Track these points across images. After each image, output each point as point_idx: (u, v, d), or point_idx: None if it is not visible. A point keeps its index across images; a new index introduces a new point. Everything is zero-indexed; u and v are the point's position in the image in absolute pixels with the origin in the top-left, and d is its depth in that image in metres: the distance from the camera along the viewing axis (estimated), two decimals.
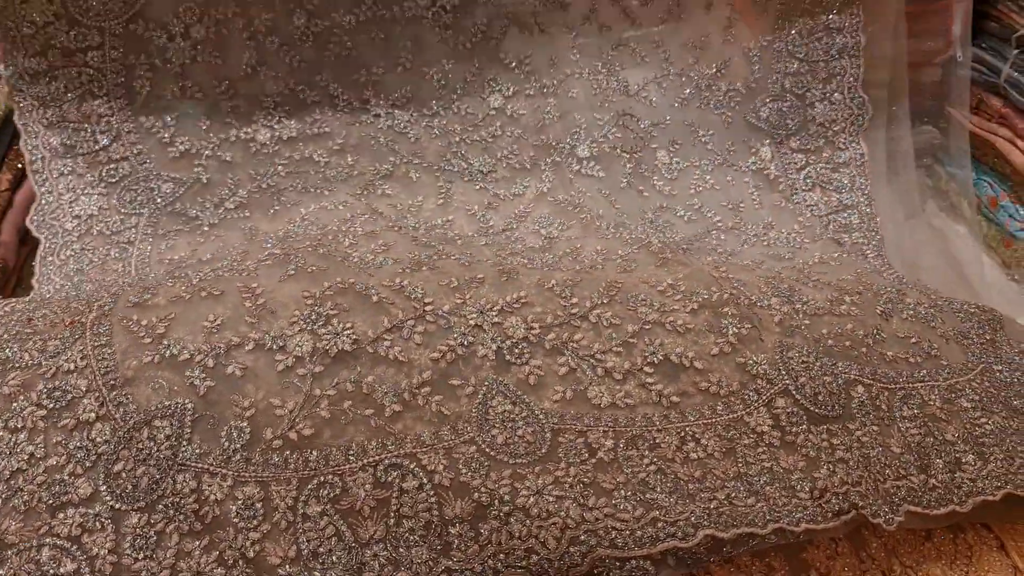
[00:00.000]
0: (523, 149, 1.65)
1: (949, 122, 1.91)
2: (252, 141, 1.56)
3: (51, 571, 0.93)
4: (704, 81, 1.70)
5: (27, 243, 1.56)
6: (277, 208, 1.53)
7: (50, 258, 1.44)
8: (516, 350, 1.10)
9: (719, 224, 1.60)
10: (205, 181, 1.53)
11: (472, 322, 1.12)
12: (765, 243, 1.58)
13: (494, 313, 1.14)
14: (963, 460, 1.11)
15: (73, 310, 1.13)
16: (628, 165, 1.66)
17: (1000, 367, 1.23)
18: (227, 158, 1.55)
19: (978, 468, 1.11)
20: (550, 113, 1.66)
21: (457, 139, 1.63)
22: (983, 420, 1.16)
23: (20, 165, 1.60)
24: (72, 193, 1.49)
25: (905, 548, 1.16)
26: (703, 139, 1.70)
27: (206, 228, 1.49)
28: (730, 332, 1.15)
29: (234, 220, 1.51)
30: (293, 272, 1.20)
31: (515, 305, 1.15)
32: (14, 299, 1.23)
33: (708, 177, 1.68)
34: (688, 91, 1.70)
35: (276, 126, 1.57)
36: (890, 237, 1.65)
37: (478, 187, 1.61)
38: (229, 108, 1.56)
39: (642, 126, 1.68)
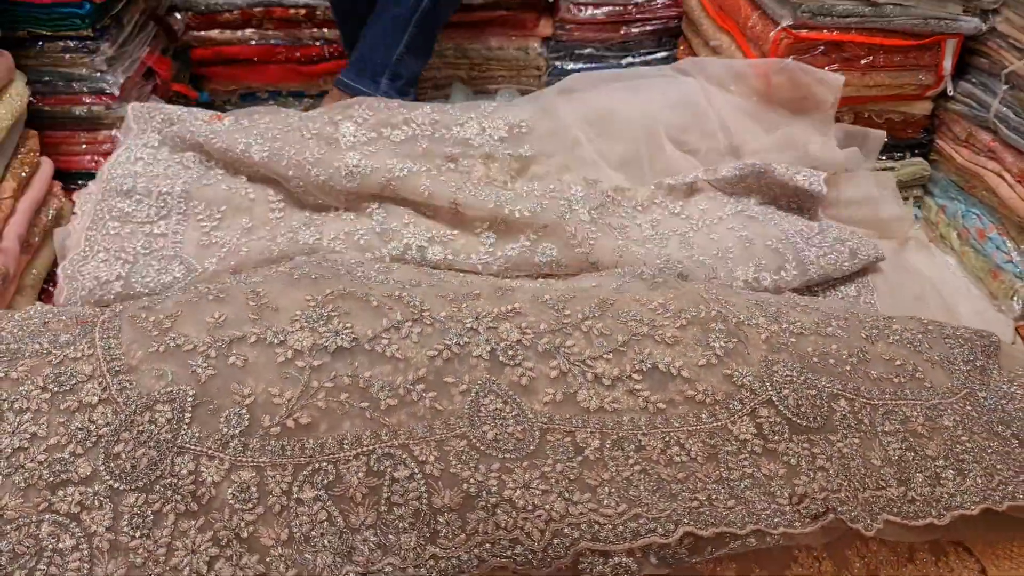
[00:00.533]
0: None
1: (940, 155, 1.96)
2: None
3: (50, 546, 0.96)
4: None
5: (28, 251, 1.60)
6: None
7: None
8: (510, 352, 1.14)
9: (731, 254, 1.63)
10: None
11: (468, 325, 1.16)
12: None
13: (489, 319, 1.17)
14: (943, 475, 1.14)
15: (87, 314, 1.17)
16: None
17: (984, 393, 1.25)
18: None
19: (957, 483, 1.13)
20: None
21: None
22: (964, 439, 1.18)
23: (24, 173, 1.64)
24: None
25: (887, 570, 1.17)
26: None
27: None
28: (717, 346, 1.18)
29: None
30: (297, 278, 1.23)
31: (509, 314, 1.19)
32: (36, 304, 1.28)
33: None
34: None
35: None
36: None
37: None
38: None
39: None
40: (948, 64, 1.84)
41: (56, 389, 1.05)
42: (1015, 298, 1.69)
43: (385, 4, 1.94)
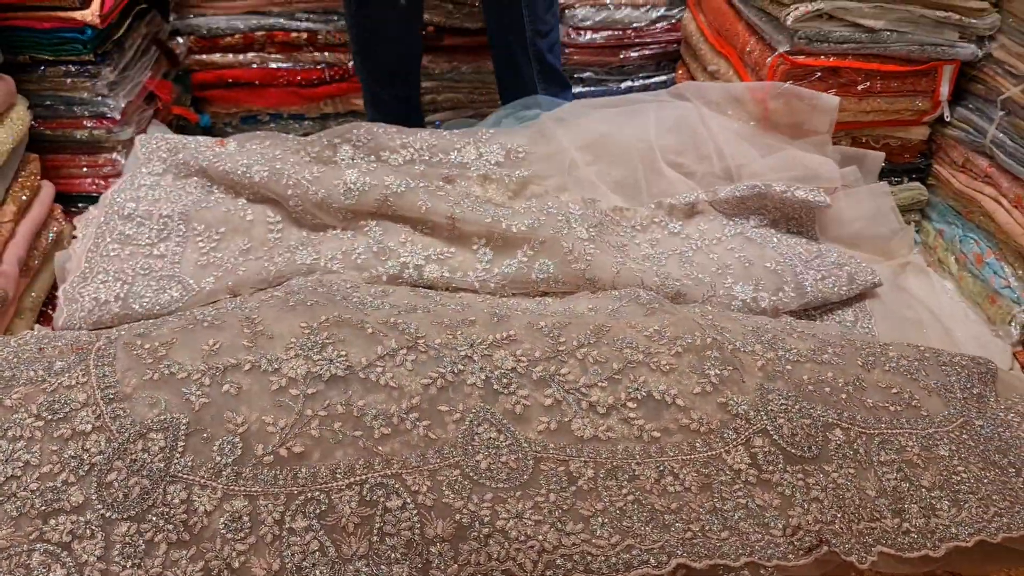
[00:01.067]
0: None
1: (937, 179, 1.96)
2: None
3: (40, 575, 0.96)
4: None
5: (27, 274, 1.61)
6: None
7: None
8: (504, 380, 1.14)
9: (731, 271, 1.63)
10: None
11: (462, 353, 1.16)
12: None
13: (484, 347, 1.17)
14: (938, 506, 1.13)
15: (83, 341, 1.18)
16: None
17: (981, 422, 1.25)
18: None
19: (952, 515, 1.13)
20: None
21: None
22: (960, 469, 1.17)
23: (24, 197, 1.64)
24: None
25: None
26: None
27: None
28: (712, 373, 1.18)
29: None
30: (293, 305, 1.24)
31: (504, 341, 1.19)
32: (31, 330, 1.28)
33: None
34: None
35: None
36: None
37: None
38: None
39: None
40: (945, 90, 1.84)
41: (50, 417, 1.05)
42: (1013, 323, 1.68)
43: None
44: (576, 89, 2.38)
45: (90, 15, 1.72)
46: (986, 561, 1.16)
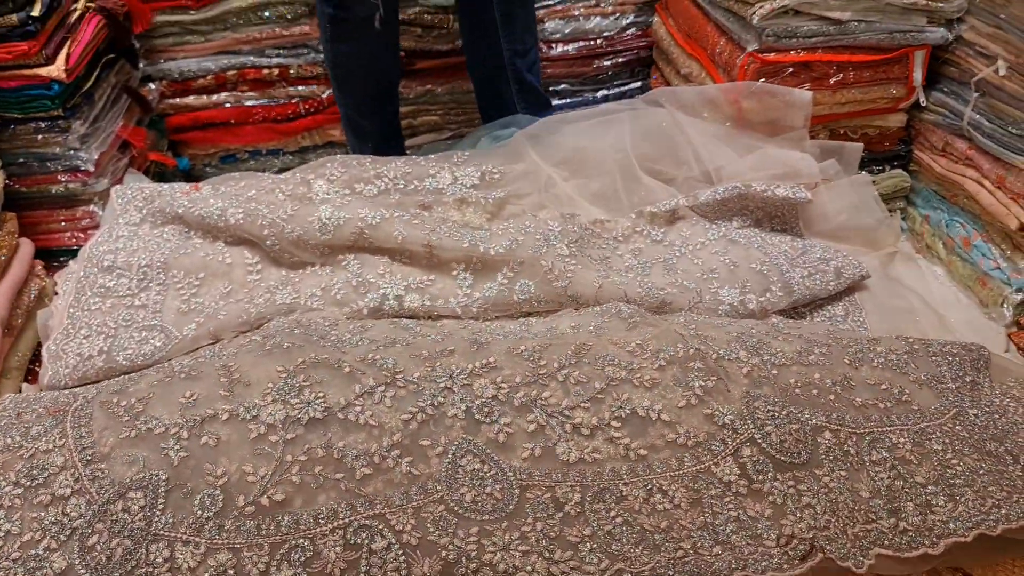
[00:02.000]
0: None
1: (919, 165, 1.95)
2: None
3: None
4: None
5: (11, 334, 1.60)
6: None
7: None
8: (485, 409, 1.13)
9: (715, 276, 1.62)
10: None
11: (442, 385, 1.15)
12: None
13: (463, 376, 1.16)
14: (934, 502, 1.12)
15: (60, 402, 1.17)
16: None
17: (975, 411, 1.23)
18: None
19: (949, 510, 1.11)
20: None
21: None
22: (954, 462, 1.16)
23: (2, 257, 1.64)
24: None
25: None
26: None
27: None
28: (697, 385, 1.17)
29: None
30: (269, 349, 1.23)
31: (484, 369, 1.18)
32: (8, 395, 1.28)
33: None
34: None
35: None
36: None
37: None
38: None
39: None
40: (918, 75, 1.83)
41: (28, 484, 1.04)
42: (1005, 305, 1.67)
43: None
44: (552, 102, 2.37)
45: (56, 70, 1.72)
46: (989, 553, 1.14)
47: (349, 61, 1.95)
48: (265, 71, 2.27)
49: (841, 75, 1.83)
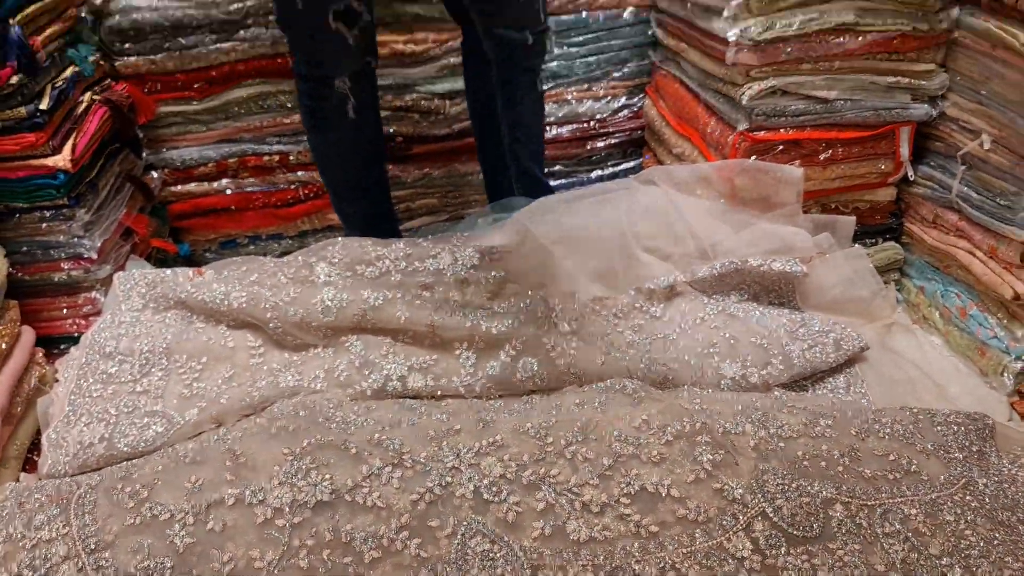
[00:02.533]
0: None
1: (911, 237, 1.98)
2: None
3: None
4: None
5: (10, 422, 1.59)
6: None
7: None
8: (494, 488, 1.12)
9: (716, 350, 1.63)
10: None
11: (449, 464, 1.14)
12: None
13: (470, 455, 1.16)
14: (949, 574, 1.10)
15: (64, 490, 1.16)
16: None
17: (984, 480, 1.23)
18: None
19: None
20: None
21: None
22: (968, 532, 1.15)
23: (3, 345, 1.64)
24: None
25: None
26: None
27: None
28: (705, 459, 1.17)
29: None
30: (275, 432, 1.22)
31: (491, 448, 1.17)
32: (9, 484, 1.27)
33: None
34: None
35: None
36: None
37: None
38: None
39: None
40: (905, 150, 1.88)
41: (31, 574, 1.02)
42: (1005, 373, 1.67)
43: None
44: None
45: (62, 160, 1.75)
46: None
47: (328, 149, 1.98)
48: (265, 158, 2.31)
49: (830, 152, 1.87)
